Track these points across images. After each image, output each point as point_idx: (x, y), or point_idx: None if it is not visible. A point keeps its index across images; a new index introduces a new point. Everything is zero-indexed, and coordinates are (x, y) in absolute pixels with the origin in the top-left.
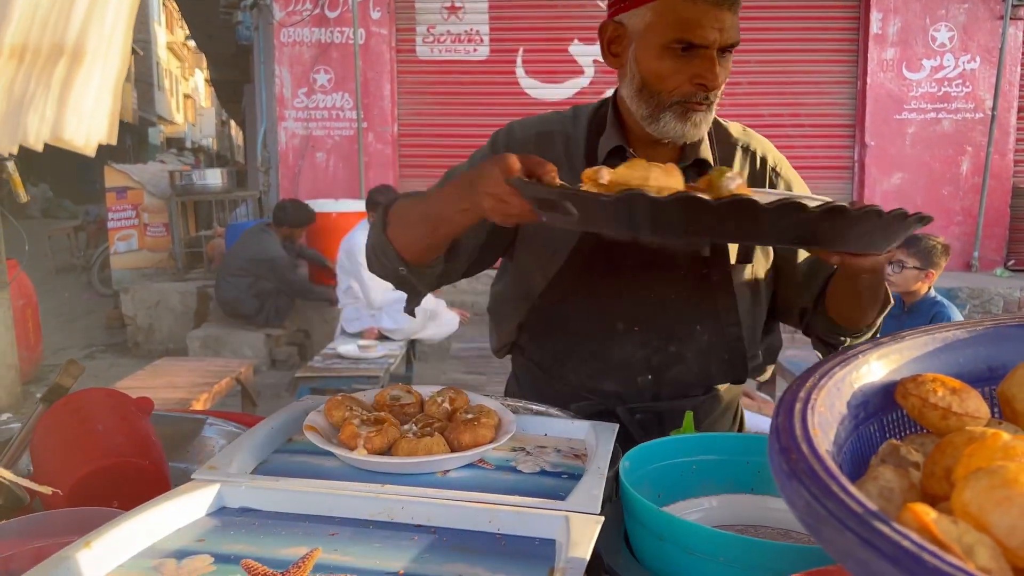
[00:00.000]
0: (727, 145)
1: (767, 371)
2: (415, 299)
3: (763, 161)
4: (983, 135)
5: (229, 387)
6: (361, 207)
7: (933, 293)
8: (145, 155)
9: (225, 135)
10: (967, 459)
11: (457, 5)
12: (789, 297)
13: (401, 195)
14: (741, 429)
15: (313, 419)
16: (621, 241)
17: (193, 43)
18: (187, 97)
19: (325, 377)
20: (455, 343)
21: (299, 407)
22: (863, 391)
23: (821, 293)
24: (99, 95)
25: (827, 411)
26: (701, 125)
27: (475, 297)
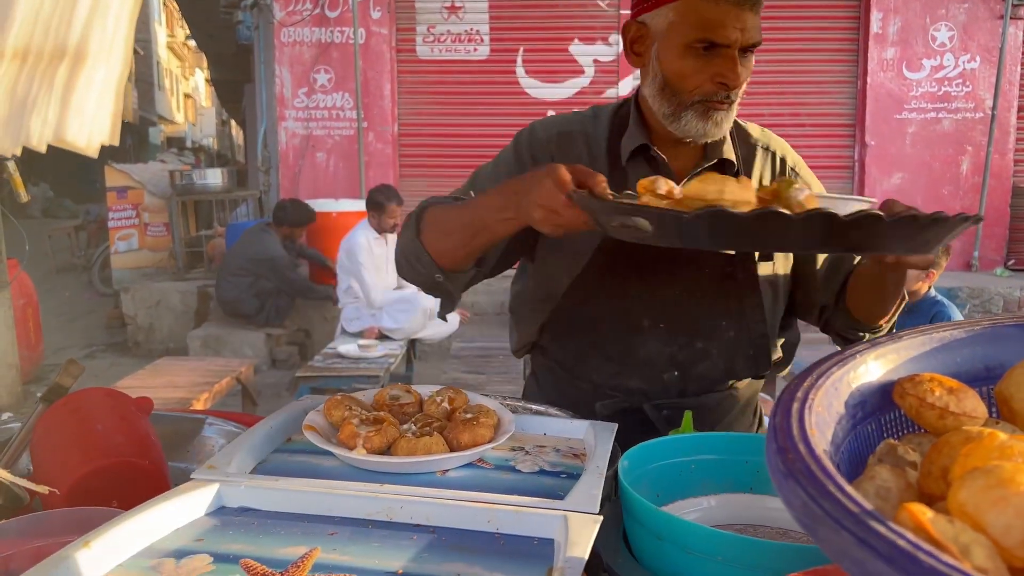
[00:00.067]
0: (748, 145)
1: (787, 367)
2: (449, 304)
3: (783, 162)
4: (983, 135)
5: (229, 387)
6: (361, 207)
7: (933, 293)
8: (145, 155)
9: (225, 135)
10: (964, 459)
11: (457, 5)
12: (809, 294)
13: (432, 200)
14: (760, 426)
15: (312, 419)
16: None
17: (193, 43)
18: (187, 97)
19: (325, 377)
20: (455, 343)
21: (298, 407)
22: (861, 391)
23: (841, 290)
24: (101, 97)
25: (825, 411)
26: (722, 124)
27: (475, 297)
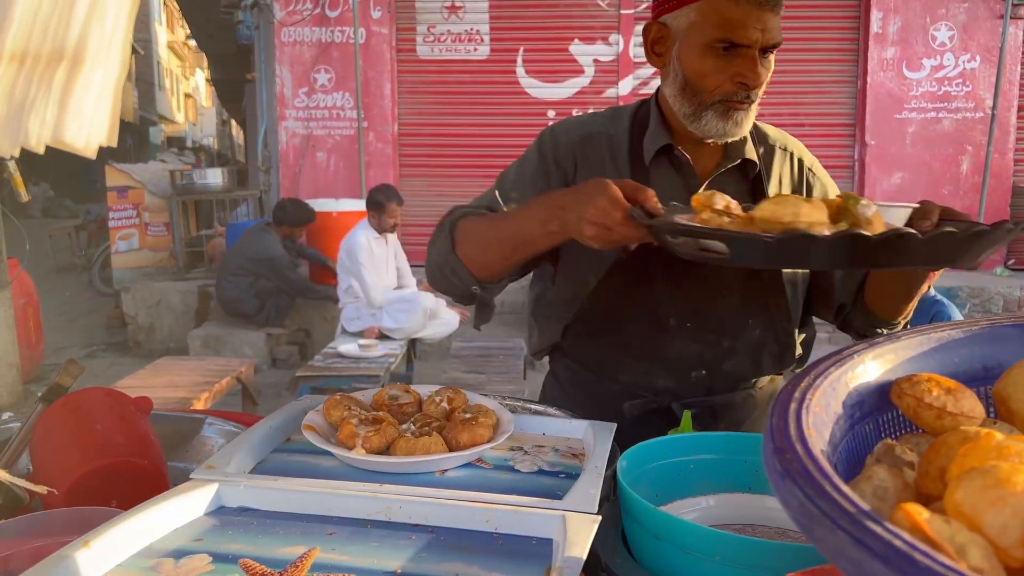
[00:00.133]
0: (766, 145)
1: (806, 364)
2: (486, 315)
3: (800, 163)
4: (983, 134)
5: (230, 386)
6: (361, 206)
7: (933, 292)
8: (146, 154)
9: (226, 134)
10: (961, 459)
11: (457, 4)
12: (828, 293)
13: (463, 211)
14: None
15: (311, 418)
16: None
17: (194, 42)
18: (188, 96)
19: (326, 376)
20: (455, 342)
21: (298, 406)
22: (858, 391)
23: (859, 288)
24: (99, 98)
25: (822, 411)
26: (743, 124)
27: None
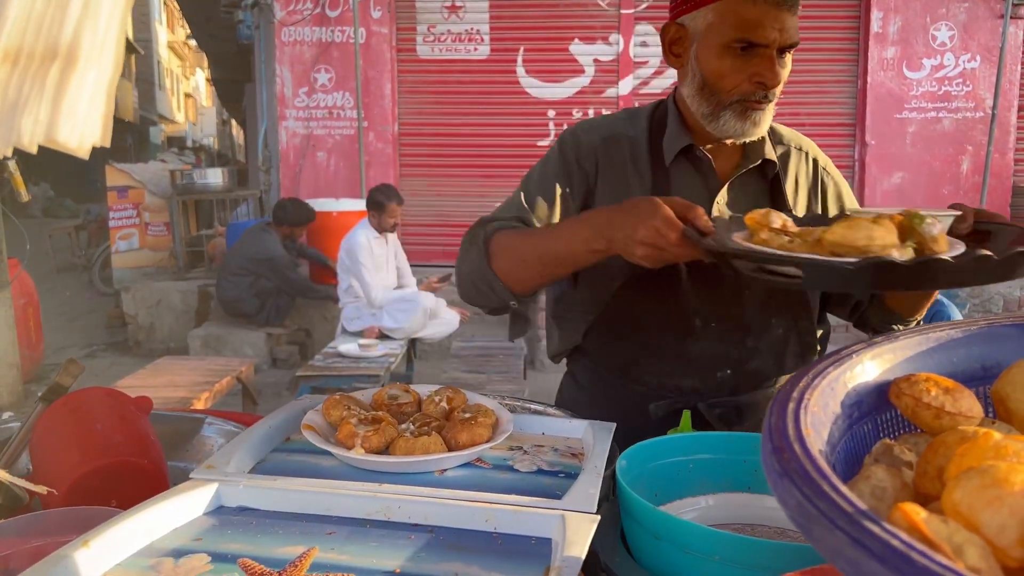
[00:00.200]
0: (782, 146)
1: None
2: (522, 327)
3: (815, 163)
4: (983, 134)
5: (230, 386)
6: (361, 206)
7: None
8: (146, 154)
9: (226, 134)
10: (959, 459)
11: (458, 4)
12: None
13: (496, 224)
14: None
15: (311, 418)
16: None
17: (194, 42)
18: (188, 96)
19: (326, 376)
20: (455, 342)
21: (297, 406)
22: (857, 391)
23: None
24: (93, 98)
25: (821, 411)
26: (760, 124)
27: None
